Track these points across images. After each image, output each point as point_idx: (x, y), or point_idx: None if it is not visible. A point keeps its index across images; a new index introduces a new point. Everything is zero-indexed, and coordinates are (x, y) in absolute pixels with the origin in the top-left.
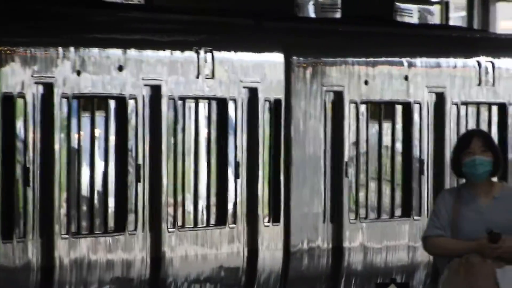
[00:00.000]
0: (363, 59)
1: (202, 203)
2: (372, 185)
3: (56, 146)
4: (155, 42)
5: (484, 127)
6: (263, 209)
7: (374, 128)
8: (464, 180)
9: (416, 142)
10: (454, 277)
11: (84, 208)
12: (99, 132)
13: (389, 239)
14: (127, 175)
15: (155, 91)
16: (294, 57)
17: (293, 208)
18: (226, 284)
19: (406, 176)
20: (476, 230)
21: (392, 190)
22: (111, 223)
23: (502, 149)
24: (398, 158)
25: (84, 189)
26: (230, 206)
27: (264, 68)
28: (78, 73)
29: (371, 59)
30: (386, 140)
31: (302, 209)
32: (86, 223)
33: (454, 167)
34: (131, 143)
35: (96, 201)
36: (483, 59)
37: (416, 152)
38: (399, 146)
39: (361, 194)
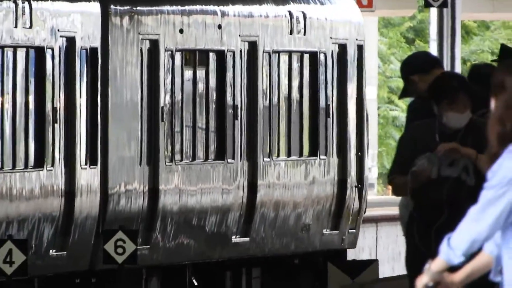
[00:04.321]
0: (178, 8)
1: (20, 146)
2: (188, 130)
3: None
4: None
5: (296, 75)
6: (80, 152)
7: (189, 75)
8: None
9: (229, 89)
10: None
11: None
12: None
13: (203, 181)
14: None
15: None
16: (112, 6)
17: (111, 151)
18: (43, 227)
19: (220, 121)
20: None
21: (207, 134)
22: None
23: (313, 97)
24: (213, 104)
25: None
26: (48, 150)
27: (82, 17)
28: None
29: (186, 8)
30: (201, 87)
31: (119, 152)
32: None
33: None
34: None
35: None
36: (294, 8)
37: (229, 98)
38: (213, 92)
39: (177, 138)
